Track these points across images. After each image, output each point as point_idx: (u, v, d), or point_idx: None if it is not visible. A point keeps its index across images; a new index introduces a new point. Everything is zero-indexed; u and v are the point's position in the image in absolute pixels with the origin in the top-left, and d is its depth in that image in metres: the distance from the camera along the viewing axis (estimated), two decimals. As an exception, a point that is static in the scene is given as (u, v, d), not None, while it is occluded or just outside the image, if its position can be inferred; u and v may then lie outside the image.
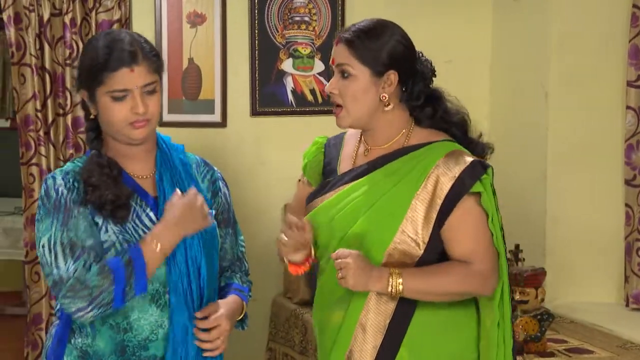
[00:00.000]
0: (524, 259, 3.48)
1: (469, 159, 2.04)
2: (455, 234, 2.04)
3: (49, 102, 3.38)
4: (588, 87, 3.60)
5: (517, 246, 3.50)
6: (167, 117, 3.53)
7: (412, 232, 2.03)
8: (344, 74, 2.05)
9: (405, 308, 2.06)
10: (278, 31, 3.70)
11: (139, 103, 1.95)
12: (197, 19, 3.58)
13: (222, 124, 3.63)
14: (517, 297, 2.95)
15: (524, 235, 3.61)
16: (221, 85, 3.63)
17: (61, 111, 3.41)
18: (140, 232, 1.99)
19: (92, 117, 2.02)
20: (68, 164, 2.07)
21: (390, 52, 2.05)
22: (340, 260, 1.99)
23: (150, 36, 3.47)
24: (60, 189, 1.97)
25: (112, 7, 3.42)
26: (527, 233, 3.66)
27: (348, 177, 2.13)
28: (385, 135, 2.11)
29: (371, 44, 2.04)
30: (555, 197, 3.63)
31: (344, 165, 2.19)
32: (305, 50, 3.73)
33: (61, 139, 3.41)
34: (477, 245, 2.04)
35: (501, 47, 3.96)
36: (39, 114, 3.39)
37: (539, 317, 2.93)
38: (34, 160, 3.39)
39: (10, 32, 3.32)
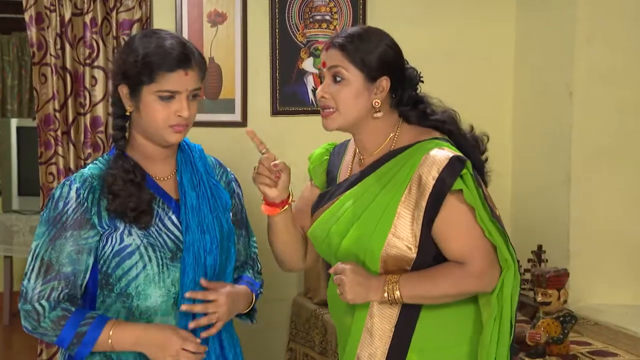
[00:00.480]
0: (546, 260, 3.43)
1: (447, 155, 2.00)
2: (445, 235, 2.02)
3: (70, 101, 3.39)
4: (615, 86, 3.53)
5: (539, 247, 3.46)
6: (187, 116, 3.52)
7: (402, 236, 2.01)
8: (337, 78, 2.04)
9: (409, 311, 2.05)
10: (299, 30, 3.68)
11: (185, 107, 1.97)
12: (217, 18, 3.58)
13: (243, 123, 3.62)
14: (540, 298, 2.90)
15: (548, 237, 3.57)
16: (241, 84, 3.62)
17: (82, 110, 3.41)
18: (164, 235, 2.01)
19: (127, 113, 2.01)
20: (89, 166, 2.07)
21: (382, 57, 2.05)
22: (337, 276, 1.99)
23: (170, 35, 3.49)
24: (69, 203, 1.98)
25: (133, 7, 3.42)
26: (552, 234, 3.61)
27: (342, 187, 2.14)
28: (373, 142, 2.11)
29: (364, 48, 2.03)
30: (580, 198, 3.56)
31: (343, 174, 2.20)
32: (326, 49, 3.71)
33: (82, 138, 3.42)
34: (468, 244, 2.01)
35: (525, 44, 3.91)
36: (59, 114, 3.40)
37: (561, 318, 2.88)
38: (53, 160, 3.40)
39: (32, 32, 3.33)
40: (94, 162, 2.08)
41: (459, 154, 2.03)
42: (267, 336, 3.83)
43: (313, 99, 3.72)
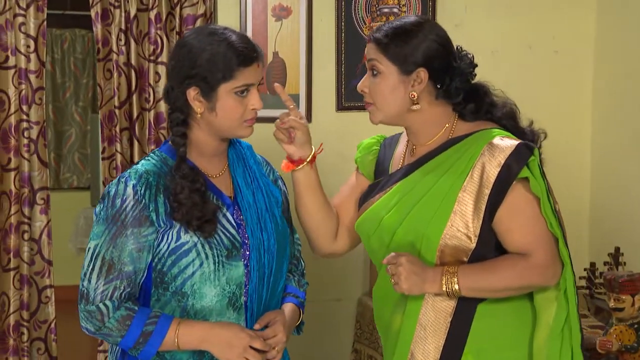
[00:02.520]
0: (624, 263, 3.28)
1: (514, 142, 1.96)
2: (508, 225, 1.96)
3: (134, 97, 3.40)
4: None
5: (617, 249, 3.31)
6: (251, 112, 3.50)
7: (462, 225, 1.96)
8: (374, 72, 2.05)
9: (465, 306, 1.99)
10: (365, 23, 3.60)
11: (258, 98, 2.01)
12: (282, 12, 3.54)
13: (307, 118, 3.56)
14: (612, 304, 2.78)
15: (628, 239, 3.42)
16: (306, 79, 3.57)
17: (147, 106, 3.43)
18: (220, 232, 2.00)
19: (198, 115, 1.99)
20: (142, 162, 2.05)
21: (418, 49, 2.02)
22: (391, 265, 1.94)
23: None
24: (127, 200, 1.96)
25: (197, 2, 3.41)
26: (632, 236, 3.44)
27: (395, 177, 2.11)
28: (426, 133, 2.07)
29: (400, 42, 2.01)
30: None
31: (395, 165, 2.16)
32: (393, 43, 3.63)
33: (146, 134, 3.44)
34: (532, 235, 1.95)
35: (606, 37, 3.75)
36: (123, 110, 3.41)
37: (636, 326, 2.75)
38: (115, 156, 3.42)
39: (97, 28, 3.35)
40: (146, 158, 2.07)
41: (528, 142, 1.99)
42: (332, 336, 3.78)
43: (380, 94, 3.64)
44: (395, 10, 3.61)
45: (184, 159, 2.01)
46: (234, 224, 2.03)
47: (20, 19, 3.28)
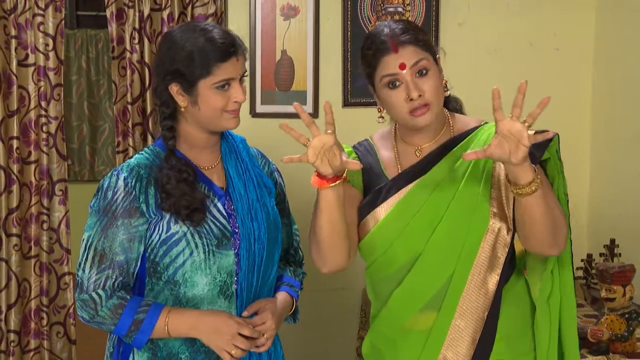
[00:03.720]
0: (620, 254, 3.36)
1: (530, 131, 1.91)
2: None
3: (147, 94, 3.51)
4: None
5: (612, 241, 3.39)
6: (260, 108, 3.60)
7: (500, 214, 1.98)
8: (423, 71, 1.97)
9: (498, 291, 2.03)
10: (371, 22, 3.70)
11: (240, 91, 2.01)
12: (290, 12, 3.64)
13: (314, 114, 3.67)
14: (603, 294, 2.85)
15: (625, 232, 3.49)
16: (313, 76, 3.66)
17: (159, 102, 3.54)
18: (210, 222, 2.03)
19: (182, 109, 2.03)
20: (135, 156, 2.11)
21: (429, 39, 2.05)
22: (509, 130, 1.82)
23: (244, 29, 3.59)
24: (118, 192, 2.00)
25: (208, 2, 3.50)
26: (629, 229, 3.52)
27: (404, 179, 2.06)
28: (435, 129, 2.07)
29: (424, 34, 2.02)
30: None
31: (392, 168, 2.10)
32: (398, 41, 3.72)
33: (158, 129, 3.53)
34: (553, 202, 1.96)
35: (605, 35, 3.81)
36: (136, 106, 3.52)
37: (626, 315, 2.82)
38: (128, 150, 3.52)
39: (112, 27, 3.46)
40: (140, 152, 2.12)
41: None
42: (338, 324, 3.87)
43: (385, 91, 3.72)
44: (400, 9, 3.71)
45: (173, 151, 2.04)
46: (225, 214, 2.06)
47: (39, 19, 3.39)
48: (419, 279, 2.02)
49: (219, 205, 2.07)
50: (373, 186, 2.10)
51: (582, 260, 3.49)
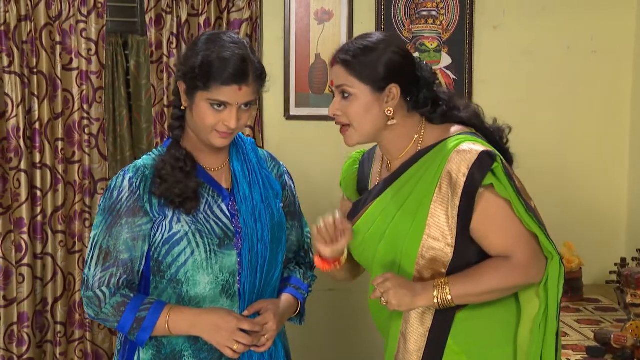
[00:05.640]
0: (651, 261, 3.32)
1: (477, 150, 1.97)
2: (485, 231, 1.99)
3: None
4: None
5: (641, 248, 3.35)
6: (294, 110, 3.68)
7: (439, 236, 1.99)
8: (344, 94, 2.03)
9: (444, 314, 2.03)
10: (405, 26, 3.73)
11: (234, 119, 2.00)
12: (324, 16, 3.70)
13: (346, 116, 3.72)
14: (629, 299, 2.82)
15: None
16: (347, 79, 3.71)
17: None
18: (212, 222, 2.06)
19: (182, 107, 2.08)
20: (144, 157, 2.16)
21: (387, 65, 2.01)
22: (379, 285, 1.97)
23: (279, 33, 3.66)
24: (123, 192, 2.05)
25: (243, 7, 3.58)
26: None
27: (373, 193, 2.13)
28: (397, 147, 2.09)
29: (367, 60, 2.01)
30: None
31: (373, 181, 2.18)
32: (432, 45, 3.74)
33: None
34: (509, 237, 1.98)
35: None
36: (167, 110, 3.62)
37: (651, 322, 2.80)
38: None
39: (151, 33, 3.57)
40: (149, 153, 2.17)
41: (488, 147, 2.00)
42: (350, 325, 3.91)
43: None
44: (434, 13, 3.73)
45: (178, 142, 2.08)
46: (228, 214, 2.08)
47: (82, 25, 3.53)
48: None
49: (223, 205, 2.10)
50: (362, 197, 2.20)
51: (615, 265, 3.45)
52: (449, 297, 1.95)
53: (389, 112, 2.03)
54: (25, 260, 3.57)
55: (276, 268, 2.19)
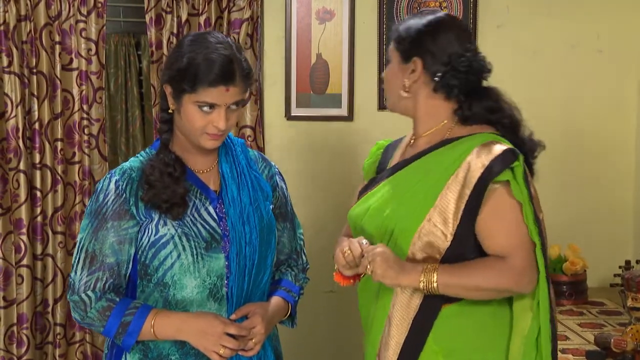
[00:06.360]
0: (654, 264, 3.28)
1: (502, 147, 1.97)
2: (489, 228, 1.97)
3: (184, 97, 3.59)
4: None
5: (646, 249, 3.31)
6: (295, 111, 3.65)
7: (439, 221, 1.98)
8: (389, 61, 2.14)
9: (430, 304, 2.01)
10: (407, 25, 3.69)
11: (223, 119, 1.99)
12: (326, 15, 3.67)
13: (349, 117, 3.69)
14: (629, 303, 2.79)
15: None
16: (348, 79, 3.68)
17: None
18: (199, 225, 2.04)
19: (169, 111, 2.07)
20: (131, 159, 2.14)
21: (415, 38, 2.05)
22: (368, 253, 1.97)
23: (280, 32, 3.63)
24: (109, 195, 2.03)
25: (244, 7, 3.55)
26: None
27: (389, 172, 2.14)
28: (424, 124, 2.11)
29: (404, 28, 2.09)
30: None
31: (394, 162, 2.20)
32: (434, 44, 3.70)
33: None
34: (512, 239, 1.96)
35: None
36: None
37: (652, 325, 2.76)
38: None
39: (151, 32, 3.56)
40: (137, 155, 2.16)
41: (515, 149, 1.99)
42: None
43: (421, 94, 3.71)
44: (437, 11, 3.70)
45: (167, 145, 2.07)
46: (215, 217, 2.06)
47: (81, 25, 3.51)
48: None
49: (210, 208, 2.09)
50: None
51: (620, 267, 3.40)
52: (435, 284, 1.94)
53: (404, 83, 2.09)
54: (25, 261, 3.57)
55: (265, 271, 2.16)
